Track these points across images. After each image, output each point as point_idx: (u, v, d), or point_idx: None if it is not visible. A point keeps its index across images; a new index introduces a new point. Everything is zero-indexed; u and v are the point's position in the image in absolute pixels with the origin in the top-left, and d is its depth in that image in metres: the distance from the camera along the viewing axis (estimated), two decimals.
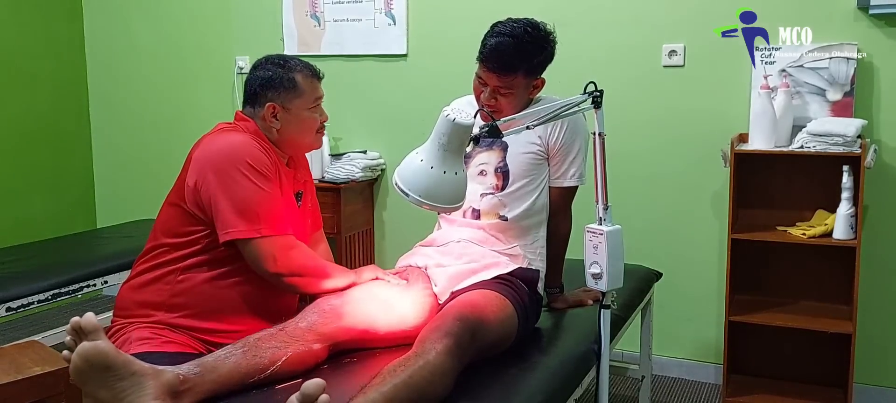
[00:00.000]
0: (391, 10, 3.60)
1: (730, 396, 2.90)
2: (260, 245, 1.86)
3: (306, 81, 2.03)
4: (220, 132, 1.99)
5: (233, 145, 1.91)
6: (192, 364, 1.58)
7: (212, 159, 1.90)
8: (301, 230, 2.10)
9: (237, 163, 1.87)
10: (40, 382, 2.12)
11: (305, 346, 1.74)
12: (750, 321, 2.82)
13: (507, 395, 1.70)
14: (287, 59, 2.05)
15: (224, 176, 1.86)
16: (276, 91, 1.99)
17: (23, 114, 4.11)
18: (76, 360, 1.46)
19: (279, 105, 1.99)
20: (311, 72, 2.05)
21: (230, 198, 1.85)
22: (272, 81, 2.00)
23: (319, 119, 2.08)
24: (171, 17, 4.12)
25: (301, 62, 2.05)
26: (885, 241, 2.90)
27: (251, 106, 2.03)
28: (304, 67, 2.04)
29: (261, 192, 1.88)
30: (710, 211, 3.15)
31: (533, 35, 2.03)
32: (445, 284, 1.99)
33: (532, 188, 2.13)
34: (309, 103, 2.03)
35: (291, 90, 2.00)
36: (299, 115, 2.02)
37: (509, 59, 2.01)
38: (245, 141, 1.93)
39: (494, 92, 2.05)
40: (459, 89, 2.43)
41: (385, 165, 3.72)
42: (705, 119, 3.10)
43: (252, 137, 1.96)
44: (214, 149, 1.92)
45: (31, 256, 3.20)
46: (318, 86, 2.07)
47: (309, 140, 2.08)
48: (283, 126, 2.01)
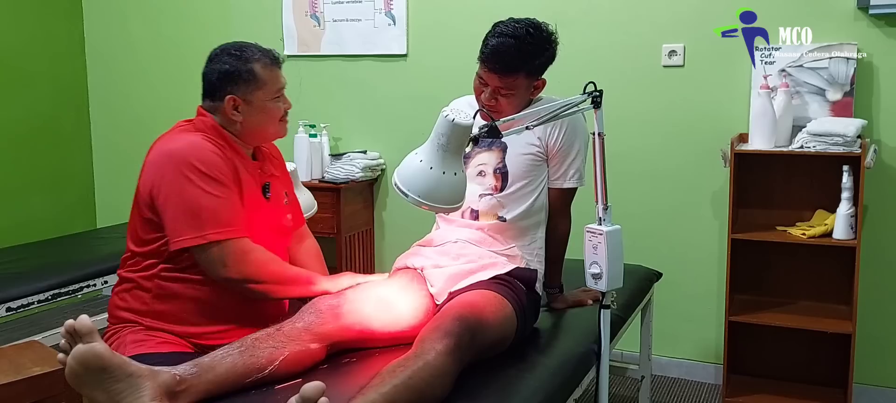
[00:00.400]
0: (391, 10, 3.60)
1: (730, 396, 2.90)
2: (209, 251, 1.80)
3: (266, 71, 1.95)
4: (174, 133, 1.93)
5: (181, 149, 1.84)
6: (188, 365, 1.58)
7: (160, 165, 1.85)
8: (273, 224, 2.04)
9: (183, 168, 1.80)
10: (40, 382, 2.12)
11: (303, 346, 1.73)
12: (750, 321, 2.82)
13: (507, 395, 1.70)
14: (244, 47, 1.96)
15: (171, 182, 1.81)
16: (235, 84, 1.92)
17: (22, 114, 4.11)
18: (72, 363, 1.45)
19: (240, 98, 1.92)
20: (270, 59, 1.97)
21: (177, 204, 1.80)
22: (230, 74, 1.92)
23: (283, 107, 2.00)
24: (170, 17, 4.12)
25: (259, 50, 1.97)
26: (885, 241, 2.90)
27: (210, 99, 1.95)
28: (262, 56, 1.96)
29: (208, 196, 1.80)
30: (710, 211, 3.15)
31: (535, 36, 2.02)
32: (443, 285, 1.99)
33: (531, 189, 2.13)
34: (271, 93, 1.96)
35: (251, 82, 1.92)
36: (262, 107, 1.95)
37: (511, 60, 2.00)
38: (194, 143, 1.86)
39: (495, 92, 2.05)
40: (459, 89, 2.43)
41: (385, 165, 3.72)
42: (705, 119, 3.10)
43: (206, 136, 1.89)
44: (164, 154, 1.86)
45: (31, 256, 3.20)
46: (279, 75, 1.99)
47: (273, 130, 2.01)
48: (246, 118, 1.94)
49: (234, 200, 1.86)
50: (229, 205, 1.84)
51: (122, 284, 1.95)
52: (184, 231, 1.79)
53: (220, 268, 1.82)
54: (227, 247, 1.81)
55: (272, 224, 2.02)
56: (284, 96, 2.01)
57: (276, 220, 2.05)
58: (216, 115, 1.95)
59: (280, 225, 2.07)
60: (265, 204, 2.01)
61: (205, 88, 1.97)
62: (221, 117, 1.95)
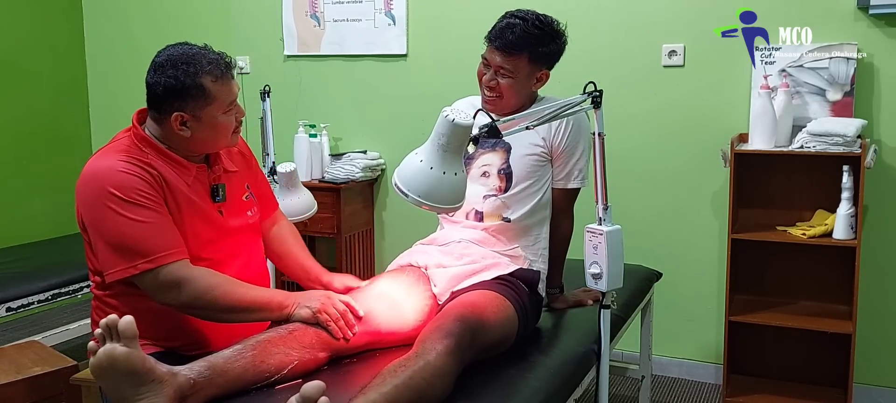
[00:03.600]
0: (391, 10, 3.60)
1: (730, 396, 2.90)
2: (144, 280, 1.70)
3: (217, 85, 1.77)
4: (103, 151, 1.81)
5: (95, 176, 1.73)
6: (203, 367, 1.57)
7: (83, 192, 1.75)
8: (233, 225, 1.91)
9: (103, 198, 1.69)
10: (40, 382, 2.12)
11: (311, 355, 1.73)
12: (750, 321, 2.82)
13: (507, 395, 1.70)
14: (192, 58, 1.77)
15: (93, 213, 1.72)
16: (182, 99, 1.75)
17: (23, 114, 4.11)
18: (102, 358, 1.45)
19: (188, 114, 1.77)
20: (221, 71, 1.78)
21: (103, 237, 1.71)
22: (177, 89, 1.75)
23: (235, 119, 1.85)
24: (171, 17, 4.12)
25: (209, 60, 1.78)
26: (885, 241, 2.90)
27: (156, 111, 1.80)
28: (213, 67, 1.77)
29: (132, 224, 1.68)
30: (710, 211, 3.15)
31: (543, 23, 2.06)
32: (446, 285, 1.99)
33: (535, 189, 2.13)
34: (222, 108, 1.80)
35: (200, 98, 1.76)
36: (212, 122, 1.79)
37: (515, 39, 2.03)
38: (110, 168, 1.72)
39: (496, 72, 2.07)
40: (459, 89, 2.43)
41: (385, 165, 3.72)
42: (705, 119, 3.10)
43: (127, 155, 1.76)
44: (86, 179, 1.75)
45: (31, 256, 3.20)
46: (231, 87, 1.81)
47: (223, 142, 1.87)
48: (194, 133, 1.79)
49: (162, 222, 1.73)
50: (157, 229, 1.71)
51: (94, 300, 1.90)
52: (115, 263, 1.70)
53: (161, 295, 1.72)
54: (161, 274, 1.69)
55: (229, 227, 1.90)
56: (238, 105, 1.85)
57: (234, 222, 1.92)
58: (160, 127, 1.81)
59: (241, 225, 1.94)
60: (215, 208, 1.88)
61: (149, 99, 1.81)
62: (165, 131, 1.80)
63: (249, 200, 2.00)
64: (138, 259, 1.69)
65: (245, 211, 1.97)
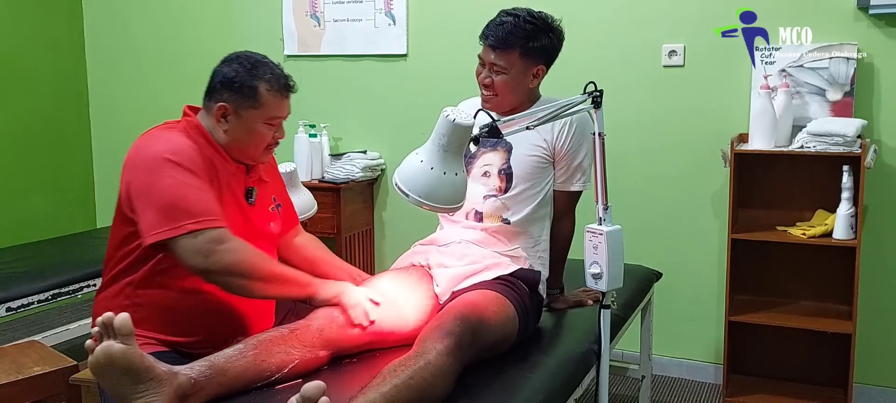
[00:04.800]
0: (391, 10, 3.60)
1: (730, 396, 2.90)
2: (185, 241, 1.69)
3: (269, 95, 1.84)
4: (154, 131, 1.87)
5: (156, 145, 1.78)
6: (204, 367, 1.57)
7: (135, 161, 1.79)
8: (255, 229, 1.95)
9: (158, 162, 1.73)
10: (40, 382, 2.12)
11: (312, 353, 1.73)
12: (750, 321, 2.82)
13: (507, 395, 1.70)
14: (260, 63, 1.87)
15: (145, 176, 1.75)
16: (233, 93, 1.83)
17: (23, 114, 4.11)
18: (100, 356, 1.45)
19: (231, 108, 1.84)
20: (280, 85, 1.86)
21: (151, 198, 1.72)
22: (232, 82, 1.83)
23: (273, 136, 1.90)
24: (171, 17, 4.12)
25: (274, 73, 1.87)
26: (885, 241, 2.90)
27: (207, 99, 1.88)
28: (274, 79, 1.86)
29: (183, 187, 1.72)
30: (710, 211, 3.15)
31: (534, 17, 2.08)
32: (447, 285, 1.99)
33: (535, 191, 2.13)
34: (264, 117, 1.86)
35: (249, 98, 1.83)
36: (250, 126, 1.85)
37: (506, 35, 2.05)
38: (169, 138, 1.80)
39: (490, 69, 2.09)
40: (459, 89, 2.43)
41: (385, 165, 3.72)
42: (705, 119, 3.10)
43: (183, 134, 1.82)
44: (139, 150, 1.80)
45: (31, 256, 3.20)
46: (283, 105, 1.88)
47: (255, 154, 1.90)
48: (231, 130, 1.85)
49: (210, 193, 1.77)
50: (205, 197, 1.74)
51: (104, 290, 1.91)
52: (158, 224, 1.70)
53: (199, 259, 1.70)
54: (204, 236, 1.70)
55: (253, 229, 1.93)
56: (281, 127, 1.91)
57: (258, 226, 1.96)
58: (207, 117, 1.88)
59: (263, 231, 1.98)
60: (247, 209, 1.93)
61: (207, 86, 1.90)
62: (209, 120, 1.87)
63: (274, 213, 2.06)
64: (185, 219, 1.70)
65: (268, 222, 2.02)
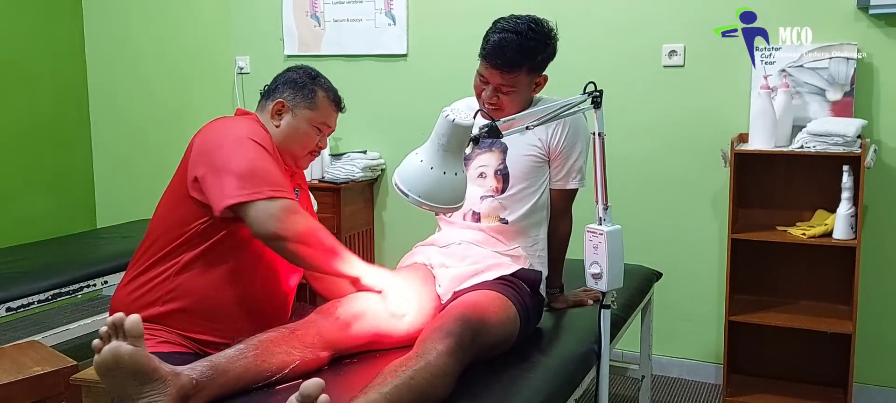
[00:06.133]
0: (391, 10, 3.60)
1: (730, 396, 2.91)
2: (263, 206, 1.77)
3: (325, 101, 2.04)
4: (221, 119, 2.00)
5: (230, 128, 1.91)
6: (205, 367, 1.57)
7: (214, 136, 1.89)
8: None
9: (238, 139, 1.85)
10: (40, 382, 2.12)
11: (313, 354, 1.73)
12: (750, 321, 2.82)
13: (507, 395, 1.70)
14: (321, 75, 2.08)
15: (226, 149, 1.83)
16: (293, 92, 2.00)
17: (23, 114, 4.11)
18: (107, 356, 1.45)
19: (289, 105, 2.00)
20: (335, 97, 2.08)
21: (231, 167, 1.80)
22: (296, 83, 2.02)
23: (318, 142, 2.06)
24: (171, 17, 4.13)
25: (332, 87, 2.08)
26: (886, 241, 2.90)
27: (266, 99, 2.04)
28: (331, 91, 2.07)
29: (265, 161, 1.84)
30: (710, 211, 3.15)
31: (537, 31, 2.01)
32: (448, 285, 1.99)
33: (532, 191, 2.12)
34: (316, 121, 2.02)
35: (308, 99, 2.01)
36: (301, 125, 2.00)
37: (513, 56, 1.98)
38: (249, 121, 1.96)
39: (496, 90, 2.04)
40: (459, 89, 2.43)
41: (385, 165, 3.72)
42: (705, 119, 3.10)
43: (256, 123, 1.97)
44: (212, 132, 1.91)
45: (31, 256, 3.20)
46: (333, 115, 2.07)
47: (299, 153, 2.04)
48: (283, 127, 1.99)
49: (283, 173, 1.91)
50: (281, 174, 1.87)
51: (136, 278, 1.92)
52: (239, 188, 1.77)
53: (273, 224, 1.77)
54: (281, 203, 1.80)
55: None
56: (325, 138, 2.08)
57: None
58: (262, 114, 2.01)
59: None
60: None
61: (266, 88, 2.06)
62: (264, 116, 2.01)
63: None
64: (265, 186, 1.79)
65: None
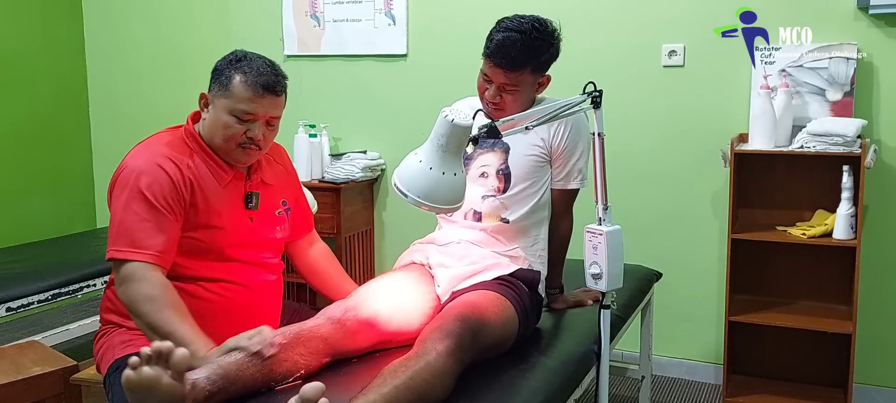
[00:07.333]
0: (391, 10, 3.60)
1: (730, 396, 2.90)
2: (115, 265, 1.76)
3: (243, 87, 1.80)
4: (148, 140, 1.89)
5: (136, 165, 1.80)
6: (218, 376, 1.56)
7: (118, 174, 1.83)
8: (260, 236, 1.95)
9: (129, 184, 1.77)
10: (40, 382, 2.12)
11: (317, 361, 1.72)
12: (750, 321, 2.82)
13: (507, 395, 1.70)
14: (248, 58, 1.85)
15: (116, 193, 1.80)
16: (213, 80, 1.85)
17: (23, 114, 4.11)
18: (144, 380, 1.41)
19: (209, 96, 1.86)
20: (257, 81, 1.81)
21: (112, 215, 1.79)
22: (215, 70, 1.86)
23: (244, 132, 1.83)
24: (170, 17, 4.12)
25: (258, 69, 1.83)
26: (885, 241, 2.90)
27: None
28: (253, 73, 1.82)
29: (131, 215, 1.74)
30: (710, 211, 3.15)
31: (541, 30, 2.01)
32: (447, 285, 1.99)
33: (534, 190, 2.12)
34: (233, 109, 1.81)
35: (223, 85, 1.82)
36: (219, 116, 1.83)
37: (517, 56, 1.98)
38: (149, 161, 1.79)
39: (500, 89, 2.03)
40: (459, 89, 2.43)
41: (385, 165, 3.72)
42: (705, 119, 3.10)
43: (171, 150, 1.83)
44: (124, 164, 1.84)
45: (31, 256, 3.20)
46: (257, 101, 1.81)
47: (226, 148, 1.85)
48: (206, 121, 1.87)
49: (160, 225, 1.75)
50: (148, 229, 1.74)
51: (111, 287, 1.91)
52: (108, 243, 1.76)
53: (117, 288, 1.76)
54: (123, 268, 1.73)
55: (256, 236, 1.94)
56: (258, 126, 1.84)
57: (261, 232, 1.95)
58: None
59: (266, 237, 1.97)
60: (247, 214, 1.92)
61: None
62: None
63: (281, 216, 2.03)
64: (118, 245, 1.75)
65: (273, 227, 2.00)
